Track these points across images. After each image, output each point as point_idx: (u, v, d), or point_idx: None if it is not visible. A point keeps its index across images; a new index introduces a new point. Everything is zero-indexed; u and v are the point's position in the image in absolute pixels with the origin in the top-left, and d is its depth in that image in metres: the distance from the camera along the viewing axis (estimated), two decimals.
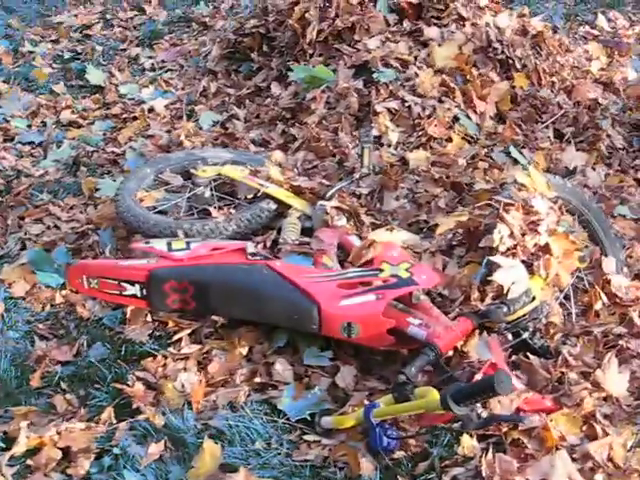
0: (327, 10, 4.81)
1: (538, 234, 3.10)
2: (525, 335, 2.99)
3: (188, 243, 3.34)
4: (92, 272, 3.29)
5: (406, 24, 4.74)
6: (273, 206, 3.76)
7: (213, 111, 5.06)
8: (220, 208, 3.84)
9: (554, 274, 3.14)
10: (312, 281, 3.09)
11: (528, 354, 2.93)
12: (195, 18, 6.71)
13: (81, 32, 6.75)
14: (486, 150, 4.08)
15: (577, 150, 4.44)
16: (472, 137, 4.18)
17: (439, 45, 4.50)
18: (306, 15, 4.82)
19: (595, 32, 6.73)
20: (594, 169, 4.38)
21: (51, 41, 6.69)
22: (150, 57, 6.18)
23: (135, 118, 5.17)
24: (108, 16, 7.00)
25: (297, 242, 3.50)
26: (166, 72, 5.86)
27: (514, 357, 2.94)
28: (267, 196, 3.77)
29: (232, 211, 3.80)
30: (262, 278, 3.14)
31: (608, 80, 5.08)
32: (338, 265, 3.31)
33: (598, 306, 3.25)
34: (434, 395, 2.46)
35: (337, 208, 3.59)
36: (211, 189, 3.94)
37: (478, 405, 2.54)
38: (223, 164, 4.07)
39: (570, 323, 3.21)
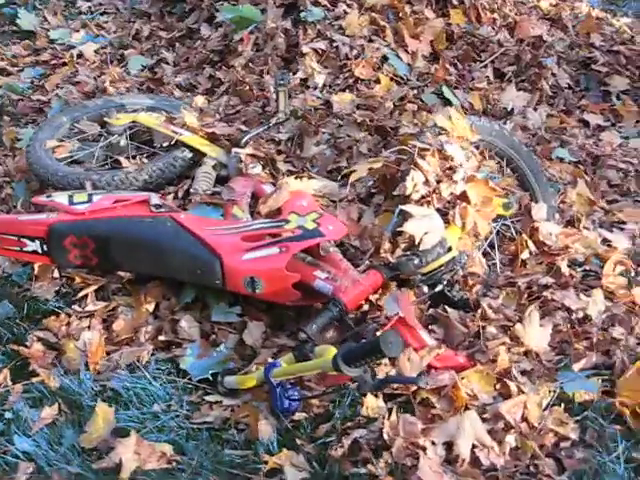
0: None
1: (454, 182, 2.92)
2: (441, 287, 2.85)
3: (91, 196, 3.15)
4: None
5: None
6: (188, 154, 3.58)
7: (144, 55, 4.83)
8: (134, 157, 3.64)
9: (472, 223, 2.96)
10: (216, 233, 2.94)
11: (446, 307, 2.79)
12: None
13: None
14: (416, 92, 3.86)
15: (518, 90, 4.24)
16: (402, 78, 3.96)
17: None
18: None
19: None
20: (536, 109, 4.20)
21: None
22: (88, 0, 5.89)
23: (65, 64, 4.93)
24: None
25: (209, 192, 3.31)
26: (102, 15, 5.58)
27: (432, 310, 2.81)
28: (182, 144, 3.58)
29: (145, 160, 3.61)
30: (165, 231, 2.98)
31: (557, 16, 4.85)
32: (249, 216, 3.14)
33: (525, 255, 3.12)
34: (330, 354, 2.31)
35: (252, 155, 3.40)
36: (127, 137, 3.73)
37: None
38: (142, 111, 3.88)
39: (494, 273, 3.06)
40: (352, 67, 3.89)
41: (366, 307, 2.77)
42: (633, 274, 3.08)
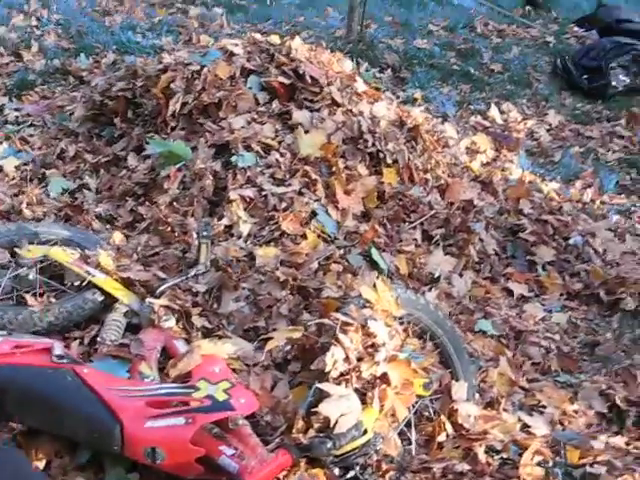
0: (194, 82, 4.47)
1: (375, 363, 2.80)
2: (353, 472, 2.71)
3: None
4: None
5: (275, 105, 4.41)
6: (99, 297, 3.39)
7: (66, 177, 4.65)
8: (42, 295, 3.44)
9: (390, 406, 2.84)
10: (119, 395, 2.75)
11: None
12: (73, 71, 6.29)
13: None
14: (342, 251, 3.76)
15: (446, 254, 4.19)
16: (329, 236, 3.86)
17: (306, 132, 4.19)
18: (171, 85, 4.48)
19: (486, 123, 6.59)
20: (461, 275, 4.15)
21: None
22: (17, 109, 5.72)
23: None
24: None
25: (117, 343, 3.12)
26: (29, 127, 5.41)
27: None
28: (94, 286, 3.39)
29: (52, 300, 3.41)
30: (64, 385, 2.79)
31: (488, 179, 4.85)
32: (157, 375, 2.97)
33: (441, 438, 3.03)
34: None
35: (166, 307, 3.24)
36: (36, 271, 3.53)
37: None
38: (57, 242, 3.70)
39: (409, 456, 2.94)
40: (279, 219, 3.77)
41: None
42: (551, 464, 2.98)
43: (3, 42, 6.84)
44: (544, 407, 3.43)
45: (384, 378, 2.85)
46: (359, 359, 2.83)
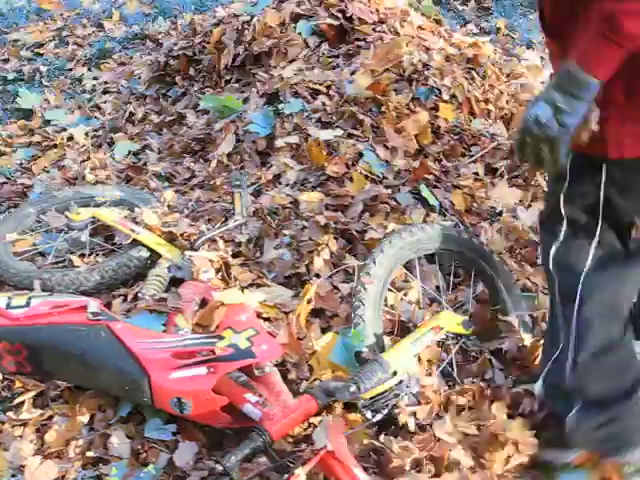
0: (244, 33, 4.43)
1: None
2: (381, 415, 2.63)
3: (29, 299, 3.02)
4: None
5: (324, 48, 4.32)
6: (145, 254, 3.43)
7: (133, 139, 4.71)
8: (91, 255, 3.51)
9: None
10: (148, 348, 2.78)
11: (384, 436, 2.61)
12: (150, 35, 6.36)
13: (32, 50, 6.43)
14: (390, 191, 3.65)
15: (511, 186, 4.01)
16: (377, 176, 3.75)
17: (351, 73, 4.09)
18: (222, 38, 4.46)
19: None
20: (529, 207, 3.96)
21: (2, 60, 6.39)
22: (95, 78, 5.84)
23: (55, 146, 4.84)
24: (64, 33, 6.67)
25: (156, 297, 3.14)
26: (105, 94, 5.51)
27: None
28: (139, 243, 3.43)
29: (99, 260, 3.47)
30: (97, 342, 2.83)
31: None
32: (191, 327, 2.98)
33: (488, 375, 2.91)
34: None
35: (206, 259, 3.23)
36: (88, 233, 3.60)
37: None
38: (110, 204, 3.76)
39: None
40: (324, 163, 3.70)
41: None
42: None
43: (86, 13, 6.97)
44: None
45: None
46: None
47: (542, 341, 2.91)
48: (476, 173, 3.99)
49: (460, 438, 2.57)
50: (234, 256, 3.38)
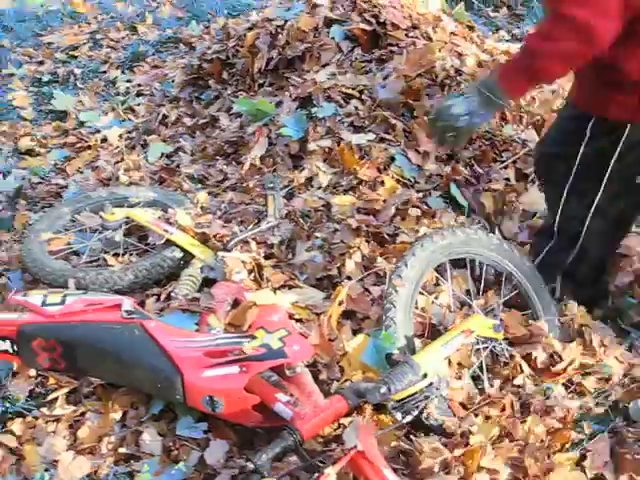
0: (278, 37, 4.47)
1: None
2: (410, 417, 2.66)
3: (64, 297, 3.06)
4: None
5: (357, 53, 4.35)
6: (178, 254, 3.47)
7: (166, 142, 4.77)
8: (124, 254, 3.56)
9: None
10: (181, 346, 2.81)
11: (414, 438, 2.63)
12: (183, 39, 6.42)
13: (67, 53, 6.51)
14: (422, 195, 3.68)
15: (542, 192, 4.00)
16: (409, 180, 3.78)
17: (384, 78, 4.11)
18: (256, 42, 4.50)
19: None
20: None
21: (37, 62, 6.48)
22: (129, 80, 5.91)
23: (89, 148, 4.91)
24: (98, 36, 6.76)
25: (189, 297, 3.18)
26: (138, 97, 5.58)
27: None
28: (173, 243, 3.47)
29: (133, 259, 3.51)
30: (131, 340, 2.87)
31: None
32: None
33: (519, 381, 2.90)
34: None
35: (239, 260, 3.27)
36: (122, 233, 3.66)
37: None
38: (144, 205, 3.81)
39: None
40: (356, 167, 3.72)
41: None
42: None
43: (120, 17, 7.05)
44: None
45: None
46: None
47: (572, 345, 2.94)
48: (507, 179, 3.99)
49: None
50: (266, 258, 3.41)
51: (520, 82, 2.61)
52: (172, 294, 3.24)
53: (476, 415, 2.72)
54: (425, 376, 2.68)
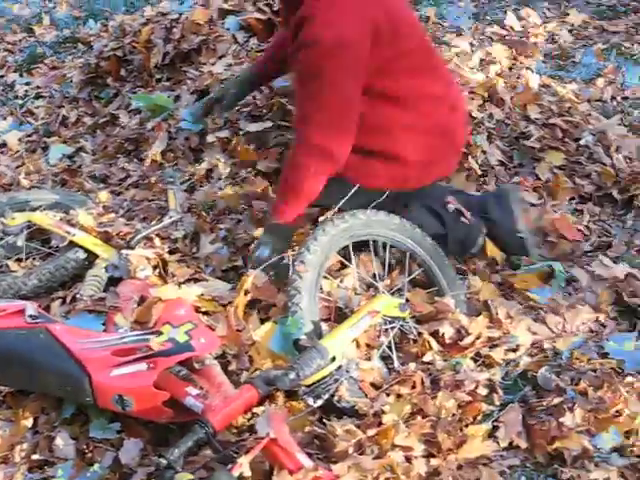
0: (173, 31, 4.44)
1: None
2: (321, 401, 2.69)
3: None
4: None
5: (253, 42, 4.36)
6: (82, 255, 3.44)
7: (67, 143, 4.70)
8: (27, 259, 3.51)
9: None
10: (87, 348, 2.78)
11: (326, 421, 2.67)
12: (82, 38, 6.31)
13: None
14: None
15: None
16: None
17: None
18: (151, 37, 4.47)
19: (503, 32, 6.32)
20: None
21: None
22: (27, 83, 5.79)
23: None
24: None
25: (95, 297, 3.15)
26: (37, 99, 5.48)
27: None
28: (76, 245, 3.44)
29: (36, 263, 3.47)
30: (37, 344, 2.83)
31: (492, 89, 4.67)
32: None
33: (428, 357, 2.93)
34: None
35: (142, 257, 3.25)
36: (23, 238, 3.60)
37: None
38: (46, 207, 3.76)
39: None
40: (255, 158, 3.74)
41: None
42: None
43: (16, 19, 6.91)
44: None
45: None
46: None
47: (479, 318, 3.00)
48: None
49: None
50: (171, 253, 3.41)
51: (295, 209, 3.16)
52: (77, 296, 3.22)
53: (387, 394, 2.75)
54: (334, 359, 2.70)
